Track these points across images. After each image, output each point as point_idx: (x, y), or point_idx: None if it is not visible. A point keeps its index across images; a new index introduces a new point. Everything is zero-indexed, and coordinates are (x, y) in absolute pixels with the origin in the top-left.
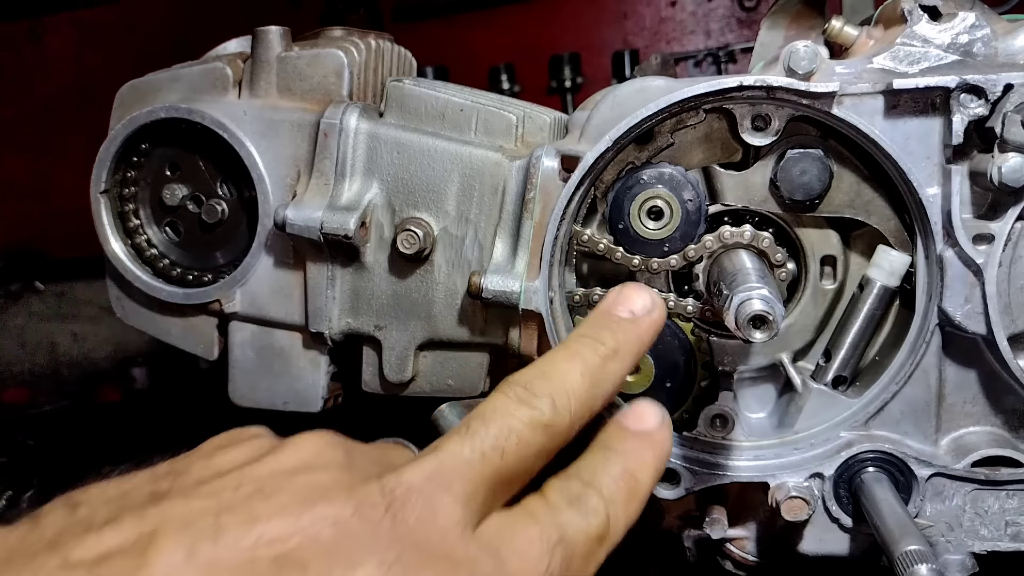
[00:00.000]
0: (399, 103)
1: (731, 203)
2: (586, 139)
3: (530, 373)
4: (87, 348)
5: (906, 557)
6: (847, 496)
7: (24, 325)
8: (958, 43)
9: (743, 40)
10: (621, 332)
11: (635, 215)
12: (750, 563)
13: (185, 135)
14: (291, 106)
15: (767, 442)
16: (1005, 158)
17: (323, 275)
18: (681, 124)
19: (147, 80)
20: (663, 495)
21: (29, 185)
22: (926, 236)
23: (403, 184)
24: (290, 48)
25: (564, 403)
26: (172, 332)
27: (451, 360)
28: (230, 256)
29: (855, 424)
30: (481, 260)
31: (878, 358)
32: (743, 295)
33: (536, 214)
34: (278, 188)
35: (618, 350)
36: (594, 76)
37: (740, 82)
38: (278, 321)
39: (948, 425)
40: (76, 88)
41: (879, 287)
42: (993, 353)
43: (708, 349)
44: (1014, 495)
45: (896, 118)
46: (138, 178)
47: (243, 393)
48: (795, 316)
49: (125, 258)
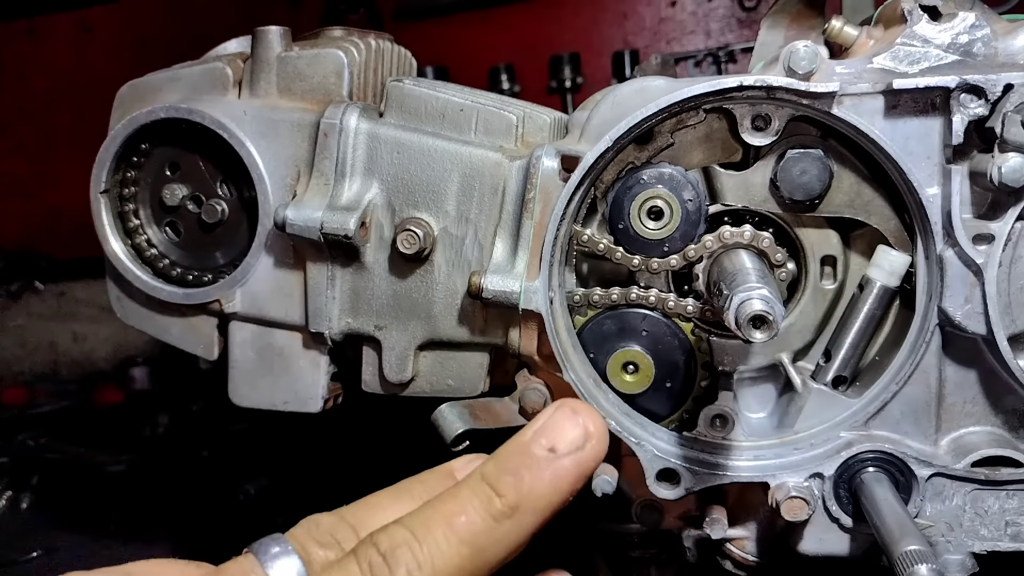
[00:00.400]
0: (399, 103)
1: (731, 203)
2: (586, 139)
3: (398, 535)
4: (87, 348)
5: (906, 557)
6: (847, 496)
7: (24, 325)
8: (958, 43)
9: (743, 40)
10: (530, 478)
11: (635, 215)
12: (750, 563)
13: (185, 135)
14: (291, 106)
15: (767, 442)
16: (1005, 158)
17: (323, 275)
18: (681, 124)
19: (147, 80)
20: (663, 495)
21: (29, 185)
22: (926, 236)
23: (403, 184)
24: (290, 48)
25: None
26: (172, 332)
27: (451, 360)
28: (230, 256)
29: (855, 424)
30: (481, 260)
31: (878, 358)
32: (743, 295)
33: (536, 214)
34: (278, 188)
35: (519, 506)
36: (594, 76)
37: (740, 82)
38: (278, 321)
39: (948, 425)
40: (76, 88)
41: (879, 287)
42: (993, 353)
43: (708, 349)
44: (1014, 495)
45: (896, 118)
46: (138, 178)
47: (243, 393)
48: (795, 316)
49: (125, 258)
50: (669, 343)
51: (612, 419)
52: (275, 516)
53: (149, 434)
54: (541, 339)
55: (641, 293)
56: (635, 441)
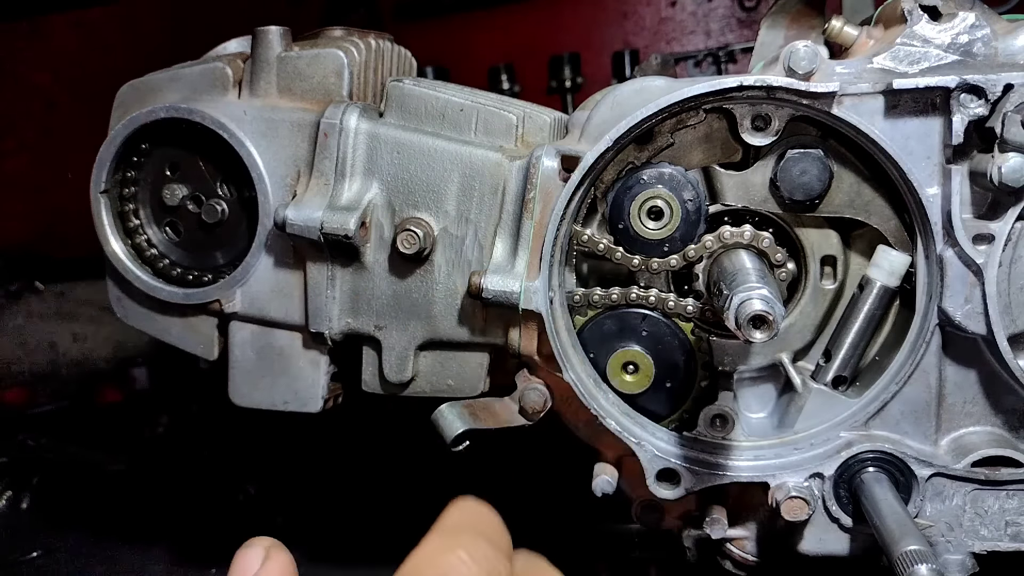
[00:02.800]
0: (399, 103)
1: (731, 203)
2: (586, 139)
3: None
4: (87, 348)
5: (906, 557)
6: (847, 496)
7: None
8: (958, 43)
9: (743, 40)
10: None
11: (635, 215)
12: (750, 563)
13: (185, 135)
14: (291, 106)
15: (767, 442)
16: (1005, 158)
17: (323, 275)
18: (681, 124)
19: (147, 80)
20: (663, 495)
21: (29, 185)
22: (926, 236)
23: (403, 184)
24: (290, 48)
25: None
26: (172, 332)
27: (451, 360)
28: (230, 256)
29: (855, 424)
30: (481, 260)
31: (878, 358)
32: (743, 295)
33: (536, 214)
34: (278, 188)
35: None
36: (594, 76)
37: (740, 82)
38: (278, 321)
39: (948, 425)
40: (76, 88)
41: (879, 287)
42: (993, 353)
43: (708, 349)
44: (1014, 495)
45: (896, 118)
46: (138, 178)
47: (243, 393)
48: (795, 316)
49: (125, 258)
50: (669, 343)
51: (612, 419)
52: (275, 516)
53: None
54: (541, 339)
55: (641, 293)
56: (635, 441)
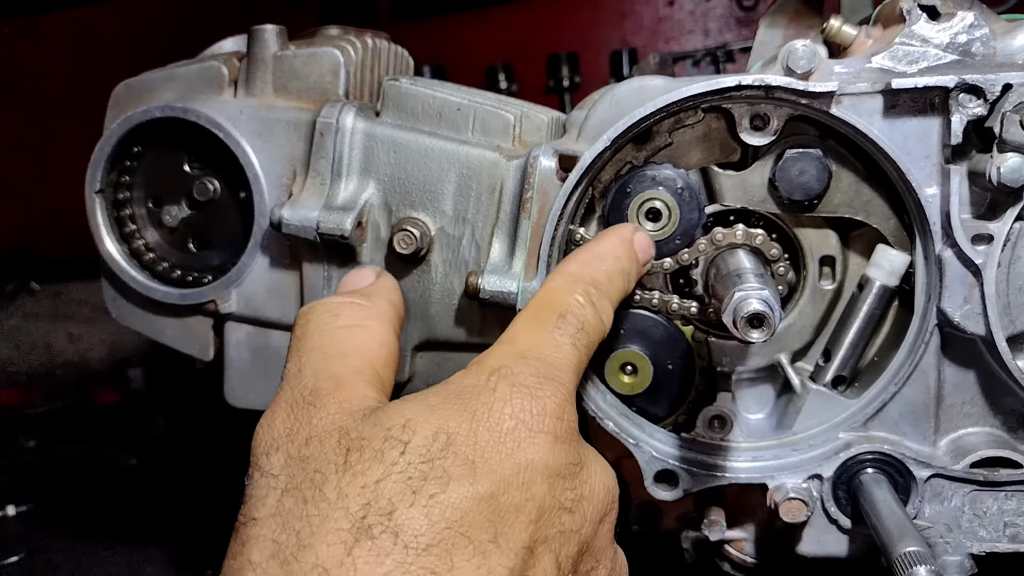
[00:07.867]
0: (396, 102)
1: (730, 203)
2: (584, 138)
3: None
4: (82, 349)
5: (905, 558)
6: (846, 497)
7: (19, 326)
8: (957, 43)
9: (741, 39)
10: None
11: (633, 215)
12: (748, 564)
13: (180, 135)
14: (287, 105)
15: (765, 443)
16: (1004, 158)
17: (319, 275)
18: (679, 124)
19: (142, 79)
20: (661, 496)
21: (24, 185)
22: (925, 236)
23: (400, 184)
24: (286, 47)
25: None
26: (167, 333)
27: (448, 361)
28: (225, 256)
29: (854, 425)
30: (478, 260)
31: (877, 358)
32: (740, 295)
33: (533, 214)
34: (274, 188)
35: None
36: (592, 75)
37: (738, 81)
38: (274, 321)
39: (947, 426)
40: (72, 87)
41: (878, 287)
42: (992, 354)
43: (707, 350)
44: (1013, 496)
45: (895, 118)
46: (133, 178)
47: (239, 394)
48: (794, 316)
49: (120, 258)
50: (667, 344)
51: (610, 420)
52: None
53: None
54: None
55: (644, 295)
56: (633, 442)
